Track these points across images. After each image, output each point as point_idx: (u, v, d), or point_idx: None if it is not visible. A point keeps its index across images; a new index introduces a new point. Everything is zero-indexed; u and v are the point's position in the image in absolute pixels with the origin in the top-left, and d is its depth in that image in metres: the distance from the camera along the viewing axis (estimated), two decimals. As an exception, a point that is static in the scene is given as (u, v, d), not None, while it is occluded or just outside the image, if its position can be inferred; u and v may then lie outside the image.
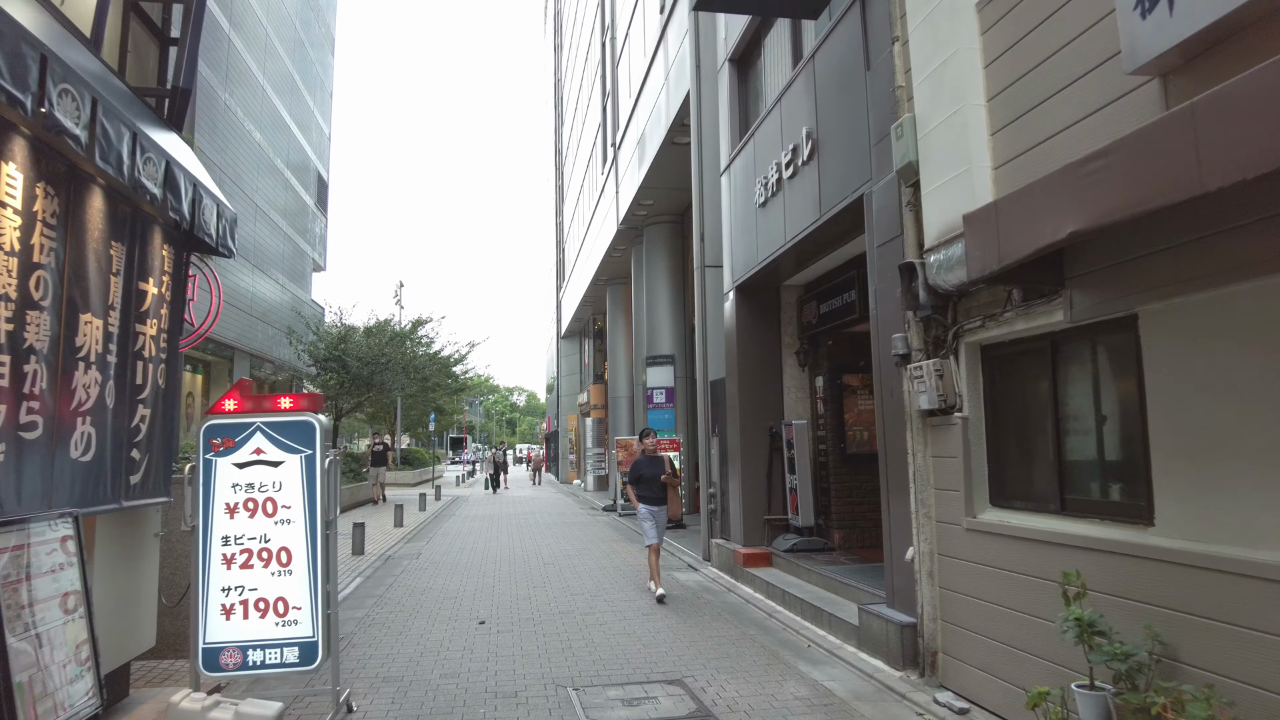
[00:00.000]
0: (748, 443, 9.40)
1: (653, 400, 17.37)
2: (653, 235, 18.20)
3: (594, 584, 8.94)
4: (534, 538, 13.51)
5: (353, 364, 21.85)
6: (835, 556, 8.45)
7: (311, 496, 4.41)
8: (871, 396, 9.20)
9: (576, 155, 30.52)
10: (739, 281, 9.50)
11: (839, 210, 6.74)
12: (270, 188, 23.97)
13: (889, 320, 5.80)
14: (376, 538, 13.49)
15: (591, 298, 27.75)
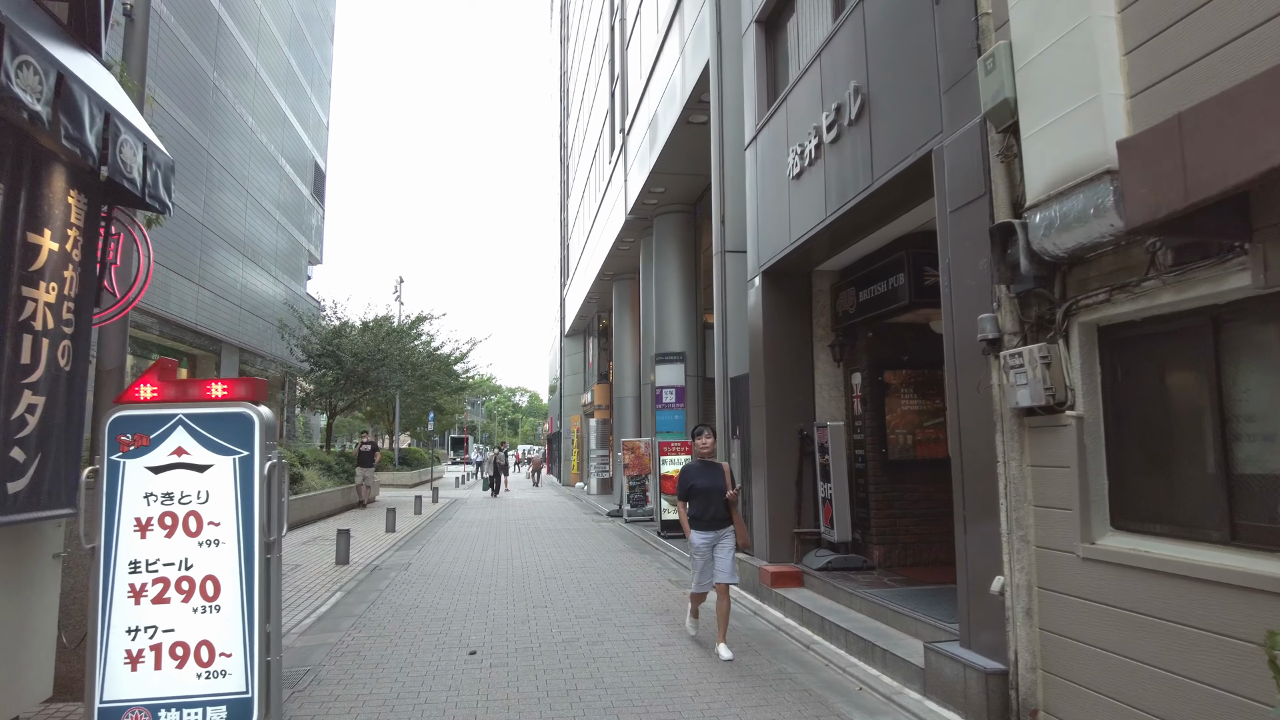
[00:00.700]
0: (774, 446, 8.39)
1: (662, 400, 16.37)
2: (663, 226, 17.21)
3: (601, 604, 7.93)
4: (535, 547, 12.50)
5: (348, 360, 20.88)
6: (877, 577, 7.43)
7: (247, 510, 3.42)
8: (916, 396, 8.22)
9: (582, 147, 29.56)
10: (766, 266, 8.49)
11: (898, 173, 5.73)
12: (263, 175, 23.03)
13: (968, 300, 4.80)
14: (365, 545, 12.48)
15: (597, 294, 26.75)
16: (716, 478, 6.15)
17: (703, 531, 6.09)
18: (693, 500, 6.16)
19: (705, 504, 6.10)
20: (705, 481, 6.13)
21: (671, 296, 16.79)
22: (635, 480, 16.53)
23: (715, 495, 6.07)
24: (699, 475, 6.20)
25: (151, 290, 17.06)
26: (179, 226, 17.77)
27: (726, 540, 6.10)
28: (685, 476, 6.26)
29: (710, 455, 6.35)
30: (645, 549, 12.24)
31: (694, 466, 6.29)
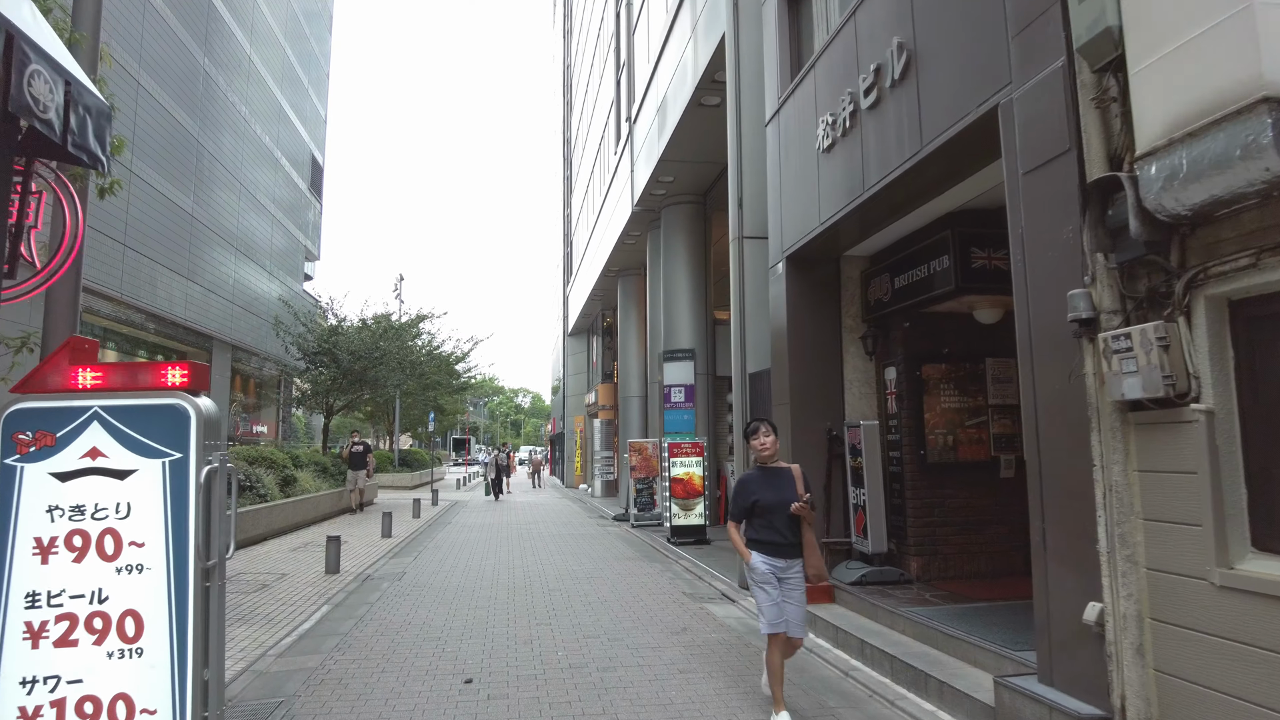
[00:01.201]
0: (800, 448, 7.67)
1: (670, 399, 15.66)
2: (671, 218, 16.49)
3: (611, 621, 7.21)
4: (537, 554, 11.79)
5: (344, 358, 20.18)
6: (917, 593, 6.71)
7: (180, 527, 2.72)
8: (957, 392, 7.49)
9: (586, 141, 28.87)
10: (790, 250, 7.77)
11: (953, 135, 5.02)
12: (257, 168, 22.37)
13: (1047, 275, 4.08)
14: (359, 551, 11.78)
15: (601, 291, 26.06)
16: (785, 489, 4.61)
17: (769, 557, 4.60)
18: (754, 521, 4.64)
19: (773, 524, 4.56)
20: (772, 495, 4.58)
21: (680, 291, 16.08)
22: (642, 483, 15.82)
23: (784, 512, 4.59)
24: (763, 487, 4.62)
25: (137, 283, 16.50)
26: (167, 217, 17.11)
27: (795, 576, 4.59)
28: (744, 491, 4.70)
29: (773, 458, 4.75)
30: (655, 557, 11.53)
31: (754, 476, 4.71)
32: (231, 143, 20.65)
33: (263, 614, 7.42)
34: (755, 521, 4.66)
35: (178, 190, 17.72)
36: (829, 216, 6.89)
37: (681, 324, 15.98)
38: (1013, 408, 7.60)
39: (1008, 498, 7.48)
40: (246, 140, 21.57)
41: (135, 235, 15.54)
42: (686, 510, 12.80)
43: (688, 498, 12.85)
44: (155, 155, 16.52)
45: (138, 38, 15.10)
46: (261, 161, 22.69)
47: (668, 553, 11.78)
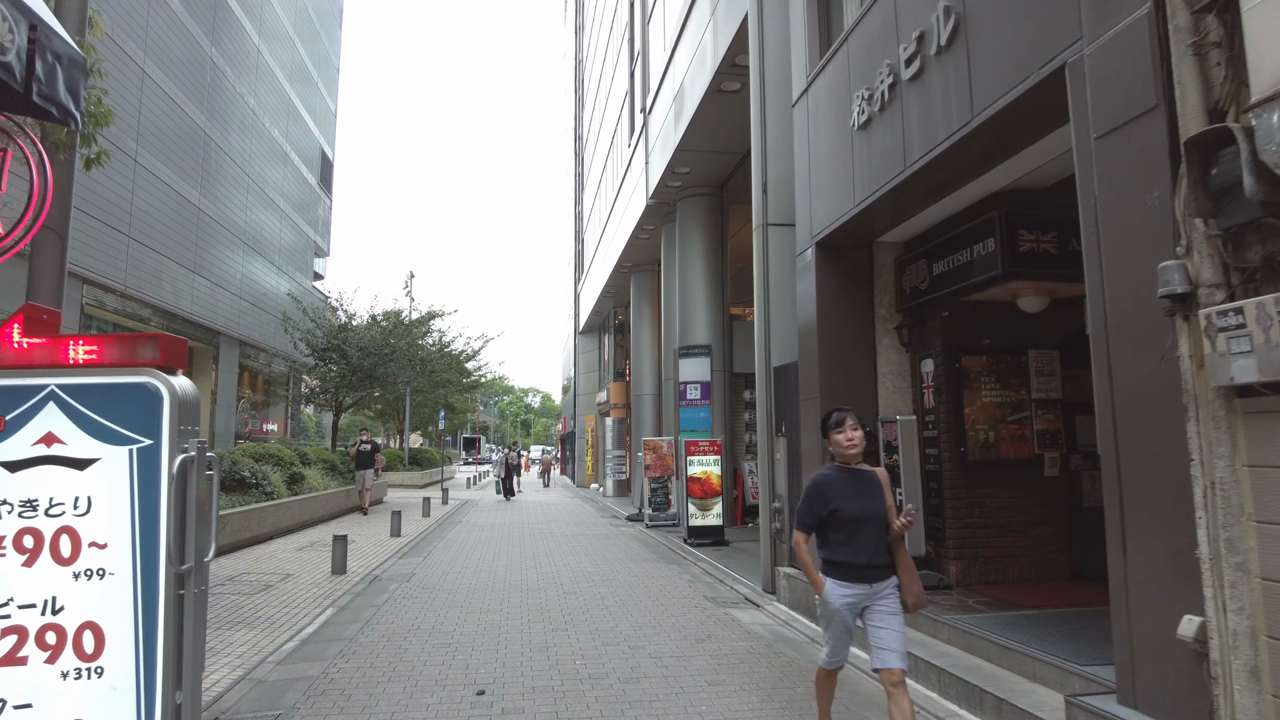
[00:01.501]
0: (831, 444, 7.24)
1: (686, 396, 15.25)
2: (687, 211, 16.07)
3: (631, 627, 6.81)
4: (551, 555, 11.40)
5: (353, 354, 19.87)
6: (959, 599, 6.28)
7: (150, 526, 2.34)
8: (998, 386, 7.04)
9: (599, 136, 28.50)
10: (820, 236, 7.35)
11: (1011, 101, 4.59)
12: (266, 161, 22.09)
13: (1128, 247, 3.65)
14: (367, 551, 11.43)
15: (614, 287, 25.67)
16: (872, 496, 3.72)
17: (847, 584, 3.67)
18: (832, 535, 3.73)
19: (855, 540, 3.66)
20: (856, 504, 3.67)
21: (696, 286, 15.66)
22: (657, 482, 15.41)
23: (871, 526, 3.67)
24: (845, 493, 3.69)
25: (141, 276, 16.17)
26: (173, 209, 16.81)
27: (888, 599, 3.70)
28: (819, 495, 3.75)
29: (853, 457, 3.79)
30: (672, 558, 11.12)
31: (833, 478, 3.77)
32: (239, 136, 20.38)
33: (264, 617, 7.06)
34: (832, 537, 3.71)
35: (184, 182, 17.44)
36: (865, 198, 6.46)
37: (697, 319, 15.57)
38: (1056, 402, 7.18)
39: (1051, 498, 7.06)
40: (255, 133, 21.30)
41: (140, 227, 15.25)
42: (704, 511, 12.39)
43: (705, 498, 12.44)
44: (161, 145, 16.24)
45: (143, 25, 14.83)
46: (270, 155, 22.42)
47: (685, 554, 11.37)
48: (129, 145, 14.76)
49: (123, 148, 14.45)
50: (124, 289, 14.78)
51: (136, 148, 14.90)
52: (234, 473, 12.33)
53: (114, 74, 14.02)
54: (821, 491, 3.77)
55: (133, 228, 15.08)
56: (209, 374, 19.65)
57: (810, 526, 3.79)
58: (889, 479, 3.89)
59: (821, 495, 3.75)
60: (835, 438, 3.80)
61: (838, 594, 3.70)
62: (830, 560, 3.75)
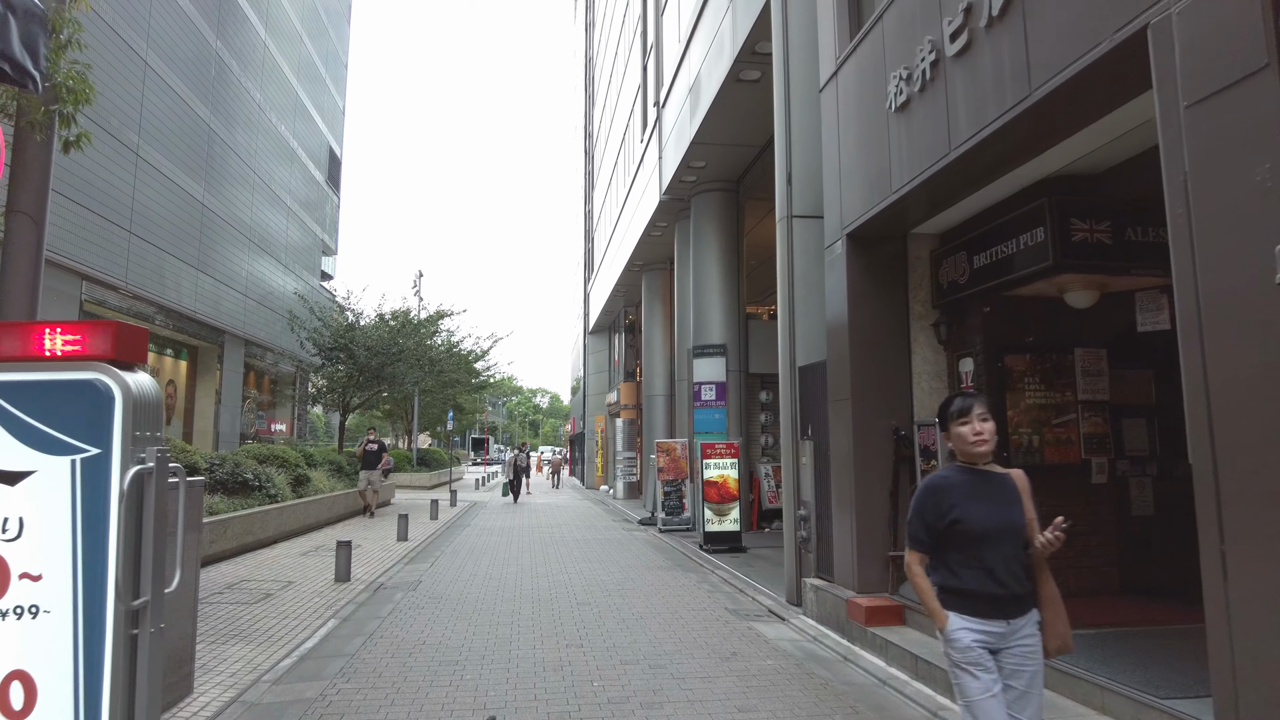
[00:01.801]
0: (862, 450, 6.81)
1: (700, 397, 14.83)
2: (702, 207, 15.66)
3: (650, 643, 6.39)
4: (562, 561, 10.99)
5: (360, 354, 19.53)
6: (1005, 615, 5.83)
7: (95, 552, 1.93)
8: (1042, 386, 6.58)
9: (609, 133, 28.11)
10: (852, 227, 6.92)
11: (1080, 70, 4.14)
12: (273, 157, 21.78)
13: (1225, 228, 3.21)
14: (373, 555, 11.05)
15: (624, 286, 25.26)
16: (1007, 503, 2.90)
17: (977, 620, 2.81)
18: (951, 555, 2.88)
19: (984, 561, 2.82)
20: (987, 514, 2.85)
21: (711, 284, 15.24)
22: (671, 486, 15.00)
23: (1006, 543, 2.84)
24: (970, 499, 2.87)
25: (143, 273, 15.82)
26: (176, 205, 16.48)
27: (1026, 644, 2.85)
28: (936, 501, 2.91)
29: (989, 456, 2.96)
30: (689, 566, 10.69)
31: (955, 481, 2.94)
32: (245, 132, 20.07)
33: (261, 629, 6.68)
34: (954, 557, 2.85)
35: (189, 177, 17.12)
36: (902, 185, 6.02)
37: (712, 318, 15.15)
38: (1104, 404, 6.72)
39: (1099, 506, 6.61)
40: (261, 130, 20.99)
41: (142, 222, 14.93)
42: (721, 516, 11.97)
43: (722, 502, 12.01)
44: (165, 140, 15.93)
45: (145, 16, 14.52)
46: (277, 152, 22.12)
47: (702, 561, 10.95)
48: (130, 138, 14.44)
49: (124, 140, 14.14)
50: (125, 286, 14.47)
51: (139, 141, 14.58)
52: (236, 475, 11.98)
53: (115, 64, 13.71)
54: (939, 498, 2.88)
55: (134, 223, 14.77)
56: (213, 373, 19.34)
57: (925, 544, 2.92)
58: (1028, 483, 3.00)
59: (938, 503, 2.87)
60: (958, 430, 2.92)
61: (965, 628, 2.79)
62: (949, 588, 2.86)
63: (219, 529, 10.21)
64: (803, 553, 7.82)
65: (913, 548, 2.97)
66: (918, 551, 2.95)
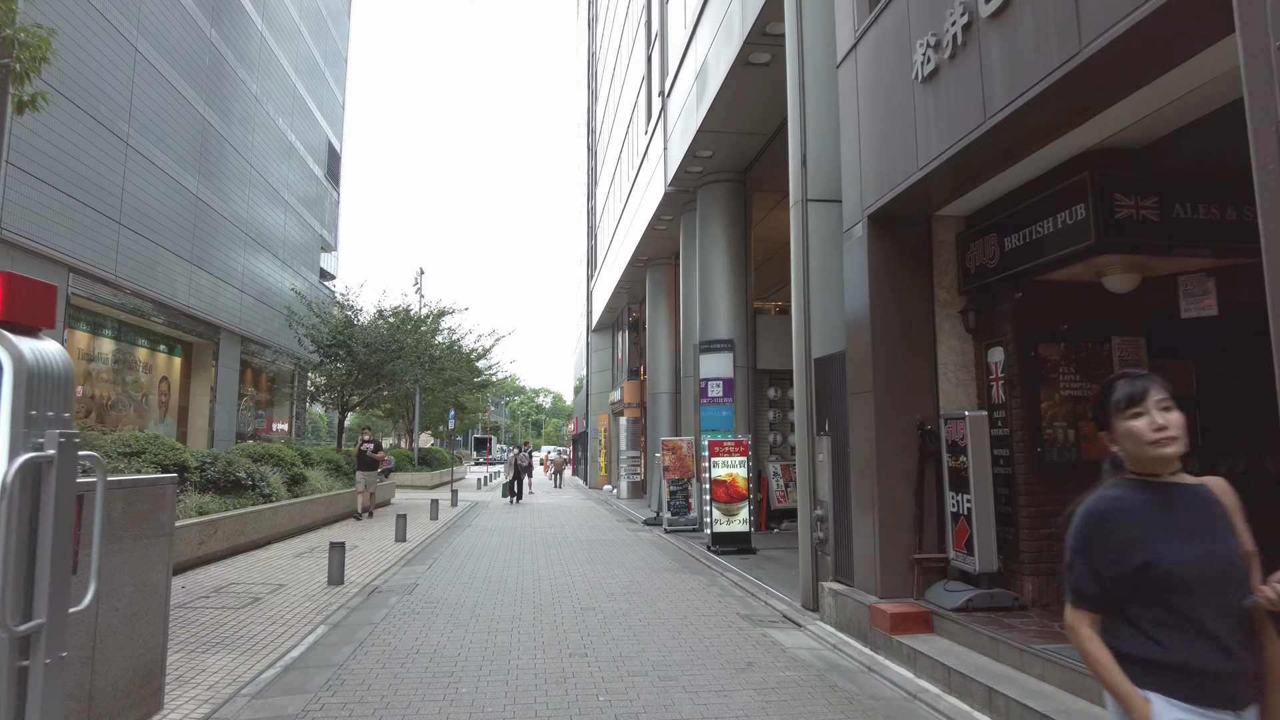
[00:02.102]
0: (885, 446, 6.40)
1: (707, 394, 14.42)
2: (709, 198, 15.23)
3: (659, 652, 5.98)
4: (565, 563, 10.58)
5: (359, 350, 19.14)
6: (1041, 622, 5.42)
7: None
8: (1079, 377, 6.15)
9: (613, 127, 27.71)
10: (874, 208, 6.51)
11: (1141, 19, 3.72)
12: (269, 150, 21.39)
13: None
14: (368, 557, 10.66)
15: (628, 282, 24.87)
16: (1217, 531, 1.95)
17: (1195, 708, 1.84)
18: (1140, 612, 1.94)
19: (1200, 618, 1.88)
20: (1190, 552, 1.90)
21: (718, 277, 14.82)
22: (677, 485, 14.58)
23: (1226, 591, 1.90)
24: (1161, 529, 1.94)
25: (135, 266, 15.37)
26: (169, 197, 16.07)
27: None
28: (1104, 535, 1.99)
29: (1176, 461, 1.99)
30: (697, 568, 10.28)
31: (1129, 503, 2.01)
32: (242, 124, 19.69)
33: (246, 636, 6.28)
34: (1146, 614, 1.92)
35: (182, 169, 16.72)
36: (931, 159, 5.60)
37: (719, 313, 14.73)
38: (1142, 397, 6.28)
39: (1139, 506, 6.17)
40: (259, 123, 20.61)
41: (133, 214, 14.50)
42: (729, 516, 11.55)
43: (730, 501, 11.60)
44: (156, 130, 15.53)
45: (135, 1, 14.12)
46: (274, 146, 21.73)
47: (710, 563, 10.53)
48: (119, 127, 14.04)
49: (113, 129, 13.74)
50: (115, 279, 14.07)
51: (129, 130, 14.18)
52: (228, 474, 11.58)
53: (101, 48, 13.30)
54: (1112, 531, 1.98)
55: (124, 215, 14.37)
56: (208, 371, 18.93)
57: (1098, 599, 2.00)
58: (1234, 496, 2.04)
59: (1113, 539, 1.97)
60: (1130, 426, 2.02)
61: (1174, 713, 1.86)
62: (1146, 660, 1.91)
63: (209, 530, 9.82)
64: (819, 555, 7.40)
65: (1077, 604, 2.03)
66: (1085, 610, 2.01)
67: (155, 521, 4.31)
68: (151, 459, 10.02)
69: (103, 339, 15.37)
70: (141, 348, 16.85)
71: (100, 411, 15.17)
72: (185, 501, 10.01)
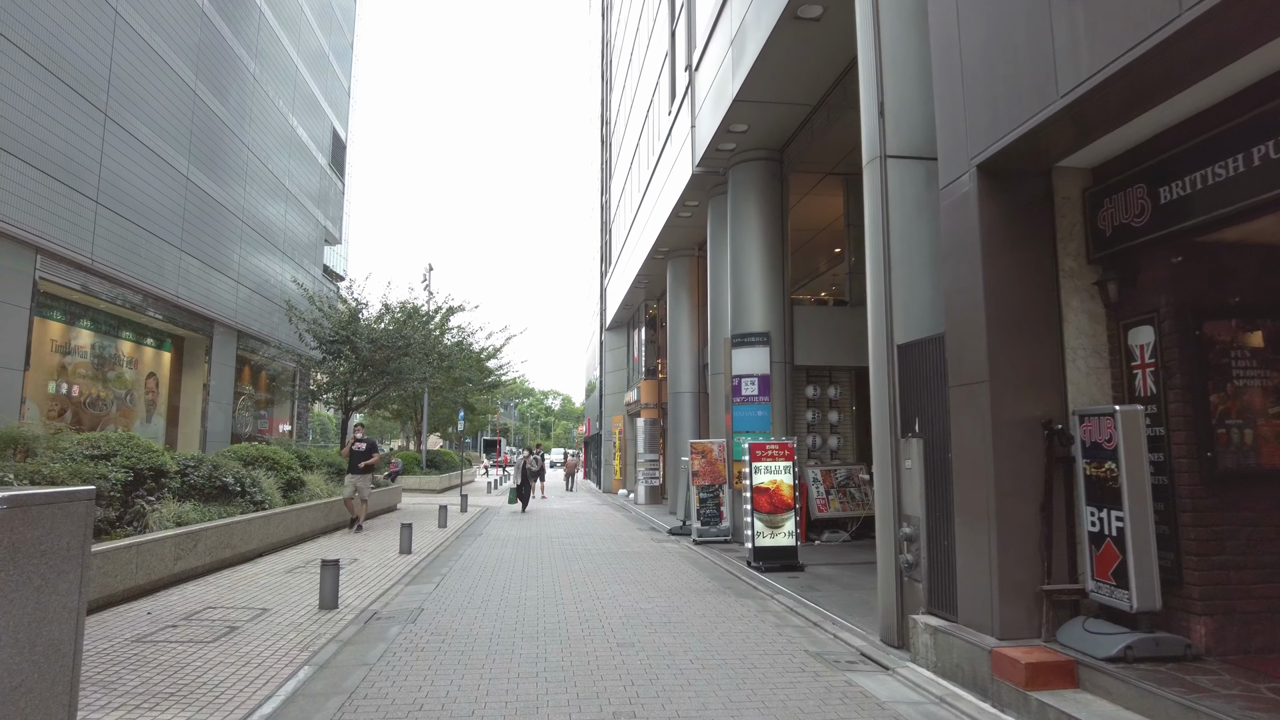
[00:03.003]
0: (1002, 449, 5.14)
1: (740, 392, 13.17)
2: (741, 178, 14.00)
3: (726, 708, 4.73)
4: (590, 581, 9.35)
5: (363, 346, 17.96)
6: (1237, 680, 4.14)
7: None
8: (1258, 365, 4.88)
9: (630, 115, 26.52)
10: (985, 156, 5.25)
11: None
12: (267, 135, 20.24)
13: None
14: (369, 573, 9.45)
15: (647, 276, 23.65)
16: None
17: None
18: None
19: None
20: None
21: (751, 264, 13.58)
22: (708, 492, 13.34)
23: None
24: None
25: (115, 249, 13.88)
26: (155, 177, 14.88)
27: None
28: None
29: None
30: (740, 588, 9.03)
31: None
32: (239, 105, 18.58)
33: (210, 684, 5.06)
34: None
35: (170, 148, 15.52)
36: (1083, 80, 4.32)
37: (753, 303, 13.48)
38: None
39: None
40: (257, 104, 19.51)
41: (113, 193, 13.23)
42: (773, 528, 10.30)
43: (774, 512, 10.35)
44: (140, 102, 14.34)
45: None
46: (275, 130, 20.62)
47: (755, 583, 9.28)
48: (96, 96, 12.85)
49: (90, 98, 12.54)
50: (91, 263, 12.89)
51: (107, 100, 13.02)
52: (214, 478, 10.41)
53: (74, 5, 12.12)
54: None
55: (102, 193, 13.19)
56: (201, 367, 17.73)
57: None
58: None
59: None
60: None
61: None
62: None
63: (186, 543, 8.63)
64: (907, 581, 6.14)
65: None
66: None
67: (54, 554, 3.11)
68: (123, 462, 8.85)
69: (80, 330, 14.16)
70: (126, 340, 15.62)
71: (77, 410, 13.99)
72: (161, 511, 8.82)
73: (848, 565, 10.47)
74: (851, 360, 13.85)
